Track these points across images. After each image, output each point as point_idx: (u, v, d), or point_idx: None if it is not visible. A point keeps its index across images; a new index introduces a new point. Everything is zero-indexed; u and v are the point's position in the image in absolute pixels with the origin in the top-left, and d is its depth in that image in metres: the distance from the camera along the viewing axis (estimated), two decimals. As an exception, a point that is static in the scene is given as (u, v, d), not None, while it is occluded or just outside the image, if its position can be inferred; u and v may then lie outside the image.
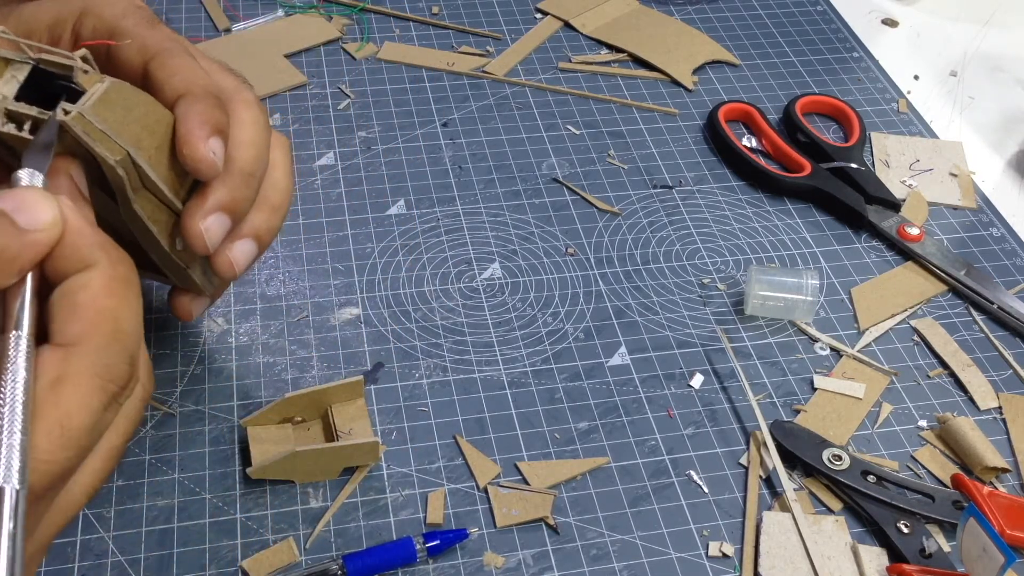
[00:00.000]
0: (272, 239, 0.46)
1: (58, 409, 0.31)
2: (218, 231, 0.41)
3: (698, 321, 0.58)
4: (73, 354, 0.32)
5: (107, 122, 0.37)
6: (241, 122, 0.43)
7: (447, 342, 0.56)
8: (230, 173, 0.41)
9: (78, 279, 0.33)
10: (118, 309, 0.33)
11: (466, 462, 0.50)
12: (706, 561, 0.47)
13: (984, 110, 0.75)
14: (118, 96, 0.37)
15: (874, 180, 0.66)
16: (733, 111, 0.71)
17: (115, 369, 0.32)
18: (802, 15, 0.83)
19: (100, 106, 0.36)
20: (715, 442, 0.52)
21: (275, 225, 0.45)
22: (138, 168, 0.38)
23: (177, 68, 0.41)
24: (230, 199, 0.41)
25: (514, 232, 0.62)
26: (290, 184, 0.47)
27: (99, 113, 0.36)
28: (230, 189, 0.41)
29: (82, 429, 0.31)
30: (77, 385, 0.31)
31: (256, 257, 0.45)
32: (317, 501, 0.48)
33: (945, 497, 0.49)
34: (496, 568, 0.46)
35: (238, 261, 0.44)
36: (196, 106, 0.40)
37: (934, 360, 0.57)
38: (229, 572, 0.45)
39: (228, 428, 0.51)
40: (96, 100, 0.36)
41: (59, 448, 0.31)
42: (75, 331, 0.32)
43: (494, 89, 0.73)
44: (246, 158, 0.42)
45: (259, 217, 0.44)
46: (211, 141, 0.40)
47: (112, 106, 0.37)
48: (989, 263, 0.62)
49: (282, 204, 0.46)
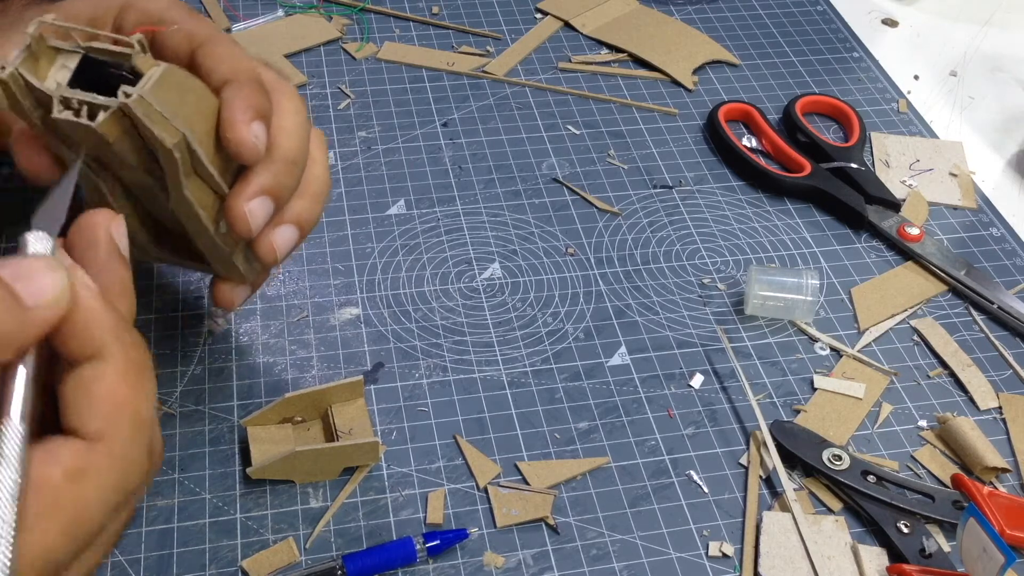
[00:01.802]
0: (312, 227, 0.46)
1: (77, 505, 0.30)
2: (261, 214, 0.42)
3: (698, 321, 0.58)
4: (94, 449, 0.30)
5: (165, 105, 0.37)
6: (284, 111, 0.43)
7: (447, 342, 0.56)
8: (273, 159, 0.42)
9: (93, 369, 0.31)
10: (137, 401, 0.31)
11: (466, 462, 0.50)
12: (706, 561, 0.47)
13: (984, 110, 0.75)
14: (174, 80, 0.37)
15: (874, 180, 0.66)
16: (733, 111, 0.71)
17: (136, 465, 0.31)
18: (802, 15, 0.82)
19: (159, 89, 0.36)
20: (715, 442, 0.52)
21: (316, 214, 0.46)
22: (192, 152, 0.39)
23: (224, 56, 0.42)
24: (274, 184, 0.42)
25: (514, 232, 0.62)
26: (328, 177, 0.47)
27: (158, 96, 0.36)
28: (273, 174, 0.42)
29: (95, 525, 0.30)
30: (98, 482, 0.30)
31: (297, 244, 0.46)
32: (317, 501, 0.48)
33: (945, 497, 0.49)
34: (496, 568, 0.46)
35: (280, 246, 0.44)
36: (241, 91, 0.40)
37: (934, 360, 0.57)
38: (229, 572, 0.45)
39: (228, 428, 0.51)
40: (155, 82, 0.36)
41: (69, 545, 0.30)
42: (95, 426, 0.30)
43: (494, 89, 0.73)
44: (289, 146, 0.43)
45: (300, 204, 0.45)
46: (254, 125, 0.40)
47: (169, 89, 0.37)
48: (989, 263, 0.62)
49: (322, 194, 0.46)
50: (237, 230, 0.42)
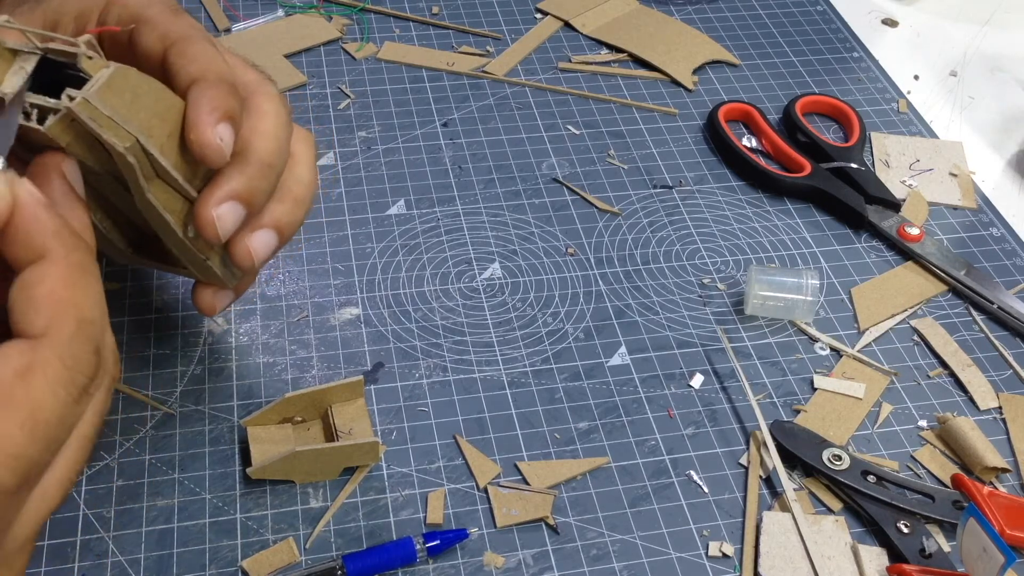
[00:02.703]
0: (294, 232, 0.45)
1: (29, 400, 0.30)
2: (231, 219, 0.41)
3: (698, 321, 0.58)
4: (40, 345, 0.31)
5: (114, 108, 0.36)
6: (262, 113, 0.42)
7: (447, 342, 0.56)
8: (248, 163, 0.41)
9: (34, 271, 0.32)
10: (79, 299, 0.32)
11: (466, 462, 0.50)
12: (706, 561, 0.47)
13: (984, 110, 0.75)
14: (124, 82, 0.37)
15: (874, 180, 0.66)
16: (733, 111, 0.71)
17: (82, 360, 0.32)
18: (802, 15, 0.82)
19: (106, 91, 0.36)
20: (715, 442, 0.52)
21: (297, 218, 0.45)
22: (149, 156, 0.38)
23: (195, 55, 0.41)
24: (245, 188, 0.41)
25: (514, 232, 0.62)
26: (313, 178, 0.46)
27: (105, 98, 0.36)
28: (247, 178, 0.41)
29: (53, 421, 0.31)
30: (46, 376, 0.31)
31: (277, 249, 0.45)
32: (317, 501, 0.48)
33: (945, 497, 0.49)
34: (496, 568, 0.46)
35: (257, 251, 0.43)
36: (208, 92, 0.39)
37: (934, 360, 0.57)
38: (229, 572, 0.45)
39: (228, 428, 0.51)
40: (101, 85, 0.36)
41: (31, 441, 0.30)
42: (39, 324, 0.31)
43: (494, 89, 0.73)
44: (265, 148, 0.42)
45: (280, 208, 0.44)
46: (219, 127, 0.39)
47: (119, 92, 0.36)
48: (989, 263, 0.62)
49: (305, 197, 0.45)
50: (206, 236, 0.40)
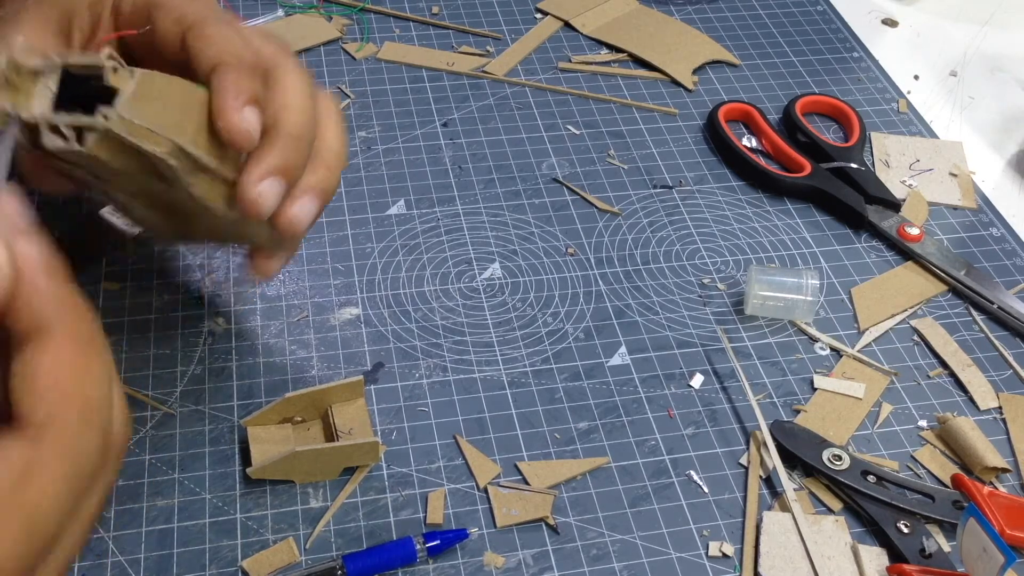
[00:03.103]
0: (330, 197, 0.45)
1: (25, 508, 0.28)
2: (272, 196, 0.41)
3: (698, 321, 0.58)
4: (41, 443, 0.29)
5: (148, 117, 0.36)
6: (286, 86, 0.42)
7: (447, 342, 0.56)
8: (280, 137, 0.41)
9: (35, 352, 0.29)
10: (84, 383, 0.30)
11: (466, 462, 0.50)
12: (706, 561, 0.47)
13: (984, 110, 0.75)
14: (151, 88, 0.37)
15: (874, 180, 0.66)
16: (733, 111, 0.71)
17: (87, 451, 0.30)
18: (802, 15, 0.82)
19: (137, 102, 0.36)
20: (715, 442, 0.52)
21: (332, 183, 0.45)
22: (188, 155, 0.38)
23: (212, 38, 0.41)
24: (282, 163, 0.41)
25: (514, 232, 0.62)
26: (342, 143, 0.46)
27: (138, 110, 0.36)
28: (281, 153, 0.41)
29: (53, 520, 0.29)
30: (46, 476, 0.28)
31: (318, 214, 0.45)
32: (317, 501, 0.48)
33: (945, 497, 0.49)
34: (496, 568, 0.46)
35: (299, 218, 0.43)
36: (229, 76, 0.40)
37: (934, 360, 0.57)
38: (229, 572, 0.45)
39: (228, 428, 0.51)
40: (131, 96, 0.36)
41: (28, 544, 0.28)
42: (41, 414, 0.29)
43: (494, 89, 0.73)
44: (294, 122, 0.42)
45: (315, 177, 0.44)
46: (245, 112, 0.39)
47: (149, 100, 0.37)
48: (989, 263, 0.62)
49: (336, 163, 0.45)
50: (250, 214, 0.41)
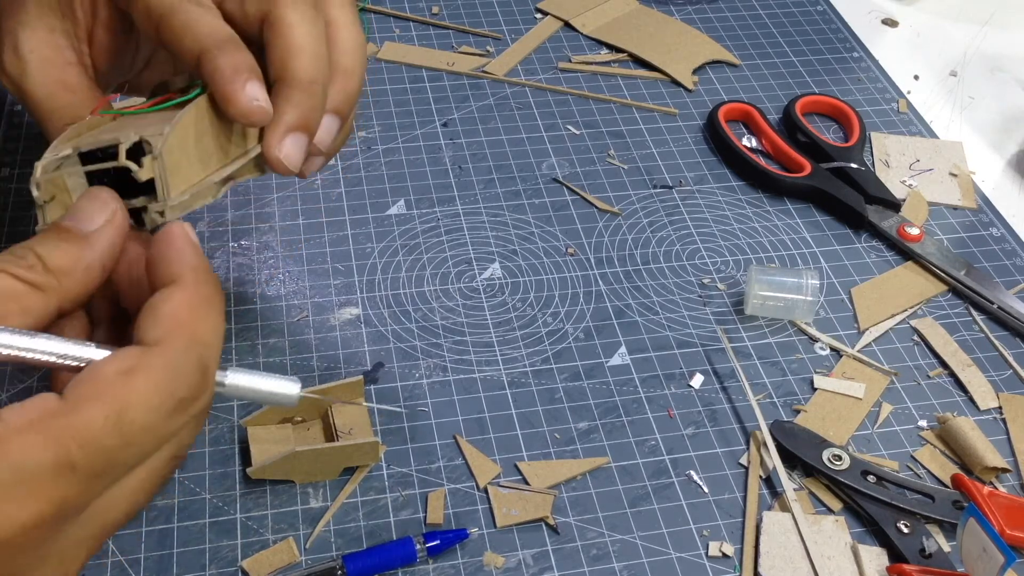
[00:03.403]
0: (353, 106, 0.45)
1: (122, 397, 0.30)
2: (296, 153, 0.41)
3: (698, 321, 0.58)
4: (149, 352, 0.32)
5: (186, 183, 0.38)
6: (287, 27, 0.41)
7: (447, 342, 0.56)
8: (291, 88, 0.41)
9: (162, 293, 0.33)
10: (196, 322, 0.33)
11: (466, 462, 0.50)
12: (706, 561, 0.47)
13: (984, 110, 0.75)
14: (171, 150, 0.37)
15: (874, 180, 0.66)
16: (733, 111, 0.71)
17: (187, 375, 0.32)
18: (802, 15, 0.82)
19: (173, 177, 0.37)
20: (715, 442, 0.52)
21: (352, 92, 0.44)
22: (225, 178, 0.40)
23: (186, 26, 0.40)
24: (299, 117, 0.41)
25: (514, 232, 0.62)
26: (359, 41, 0.44)
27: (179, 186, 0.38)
28: (296, 106, 0.41)
29: (140, 424, 0.31)
30: (147, 380, 0.31)
31: (341, 128, 0.44)
32: (317, 501, 0.48)
33: (945, 497, 0.49)
34: (496, 568, 0.46)
35: (323, 141, 0.43)
36: (218, 62, 0.39)
37: (934, 360, 0.57)
38: (229, 572, 0.45)
39: (228, 428, 0.51)
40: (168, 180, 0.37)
41: (112, 434, 0.30)
42: (154, 335, 0.32)
43: (494, 89, 0.73)
44: (303, 67, 0.41)
45: (333, 91, 0.43)
46: (247, 90, 0.39)
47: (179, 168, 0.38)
48: (989, 263, 0.62)
49: (354, 66, 0.44)
50: (282, 173, 0.41)
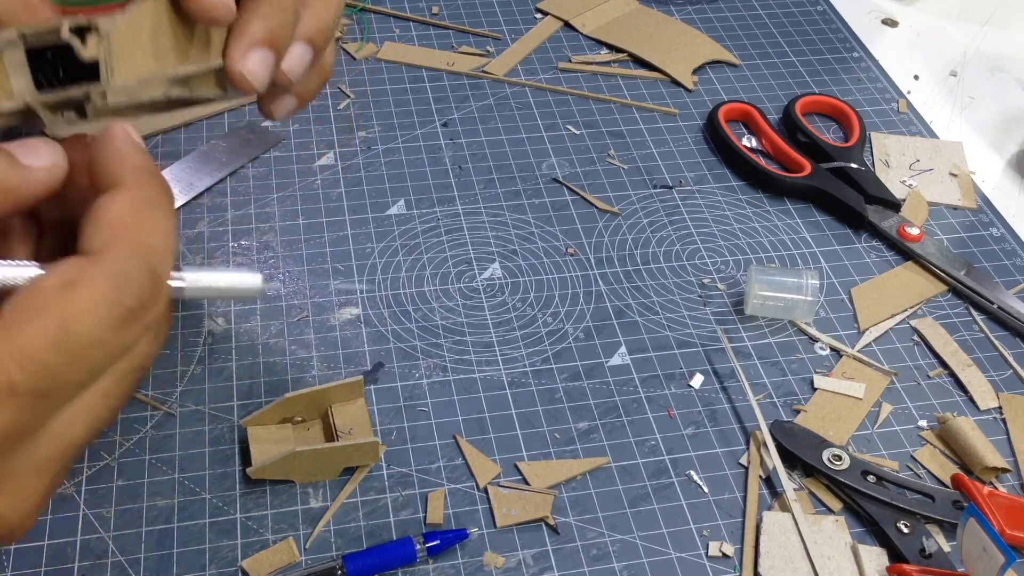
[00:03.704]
0: (327, 40, 0.42)
1: (64, 311, 0.29)
2: (262, 70, 0.38)
3: (698, 321, 0.58)
4: (91, 262, 0.30)
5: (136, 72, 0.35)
6: None
7: (447, 342, 0.56)
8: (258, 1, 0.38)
9: (104, 198, 0.32)
10: (141, 225, 0.31)
11: (466, 462, 0.50)
12: (706, 561, 0.47)
13: (984, 110, 0.75)
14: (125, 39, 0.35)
15: (874, 180, 0.66)
16: (733, 111, 0.71)
17: (134, 283, 0.30)
18: (802, 15, 0.82)
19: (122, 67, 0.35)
20: (715, 442, 0.52)
21: (327, 23, 0.41)
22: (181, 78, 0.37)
23: None
24: (265, 32, 0.38)
25: (514, 232, 0.62)
26: None
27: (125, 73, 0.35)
28: (263, 19, 0.38)
29: (85, 337, 0.29)
30: (90, 291, 0.29)
31: (315, 60, 0.42)
32: (317, 501, 0.48)
33: (945, 497, 0.49)
34: (496, 568, 0.46)
35: (293, 71, 0.40)
36: None
37: (934, 360, 0.57)
38: (229, 572, 0.45)
39: (228, 428, 0.51)
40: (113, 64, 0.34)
41: (56, 351, 0.29)
42: (97, 243, 0.31)
43: (494, 89, 0.73)
44: None
45: (307, 15, 0.40)
46: None
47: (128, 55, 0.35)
48: (989, 263, 0.62)
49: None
50: (246, 91, 0.39)
